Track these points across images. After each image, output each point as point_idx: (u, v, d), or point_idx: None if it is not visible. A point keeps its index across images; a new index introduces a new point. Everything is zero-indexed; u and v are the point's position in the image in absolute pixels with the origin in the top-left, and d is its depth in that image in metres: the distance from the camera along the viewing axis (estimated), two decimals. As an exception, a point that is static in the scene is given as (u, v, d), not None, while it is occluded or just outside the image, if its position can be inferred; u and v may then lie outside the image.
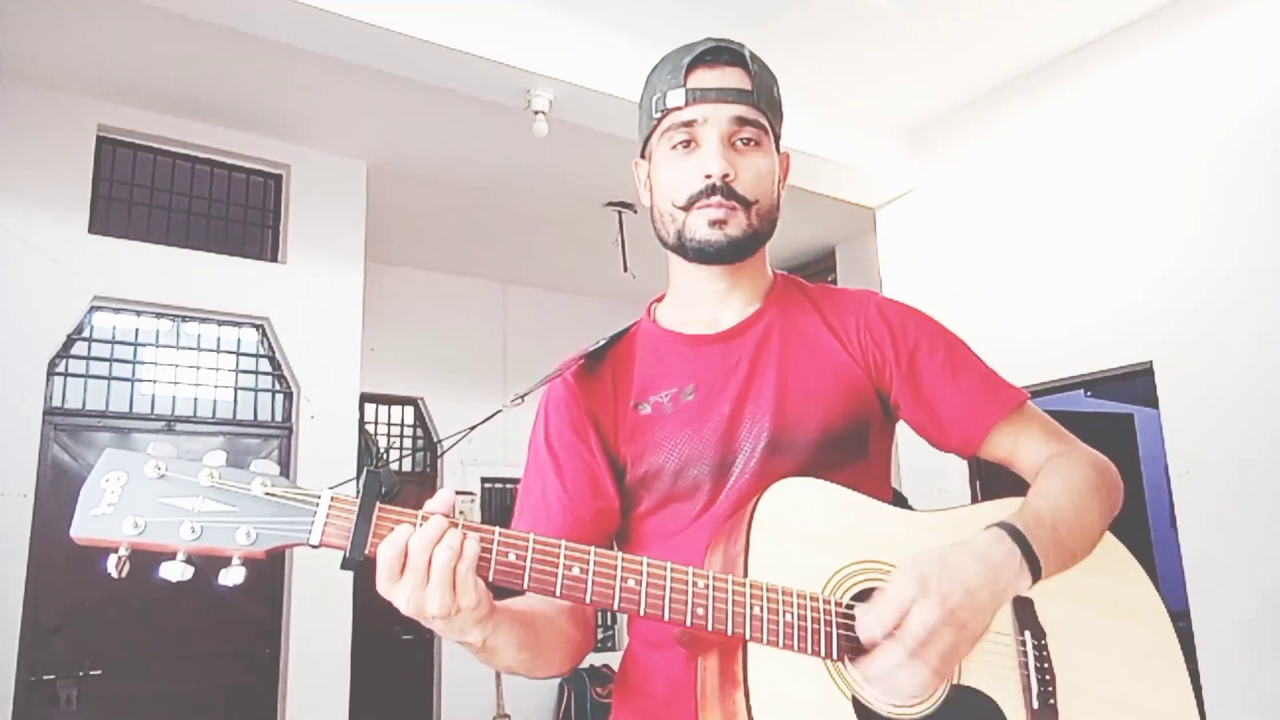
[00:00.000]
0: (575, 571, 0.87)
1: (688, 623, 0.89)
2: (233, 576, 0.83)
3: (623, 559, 0.89)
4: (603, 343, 1.20)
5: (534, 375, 1.20)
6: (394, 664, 5.84)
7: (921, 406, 1.12)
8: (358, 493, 0.86)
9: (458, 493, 5.77)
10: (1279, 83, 3.51)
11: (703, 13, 3.70)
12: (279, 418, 4.63)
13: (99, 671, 3.88)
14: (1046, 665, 1.00)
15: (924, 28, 3.95)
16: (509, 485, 6.63)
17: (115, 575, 0.80)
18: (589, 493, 1.12)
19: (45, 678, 3.79)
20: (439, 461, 6.44)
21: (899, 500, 1.18)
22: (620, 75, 3.81)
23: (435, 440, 6.47)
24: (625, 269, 5.62)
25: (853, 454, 1.10)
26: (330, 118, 4.55)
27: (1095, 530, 1.04)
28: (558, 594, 0.87)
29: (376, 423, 6.37)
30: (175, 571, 0.81)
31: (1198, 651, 3.40)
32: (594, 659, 6.34)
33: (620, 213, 5.55)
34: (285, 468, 4.55)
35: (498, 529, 0.88)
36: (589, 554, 0.88)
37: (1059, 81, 4.24)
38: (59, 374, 4.09)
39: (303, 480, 4.70)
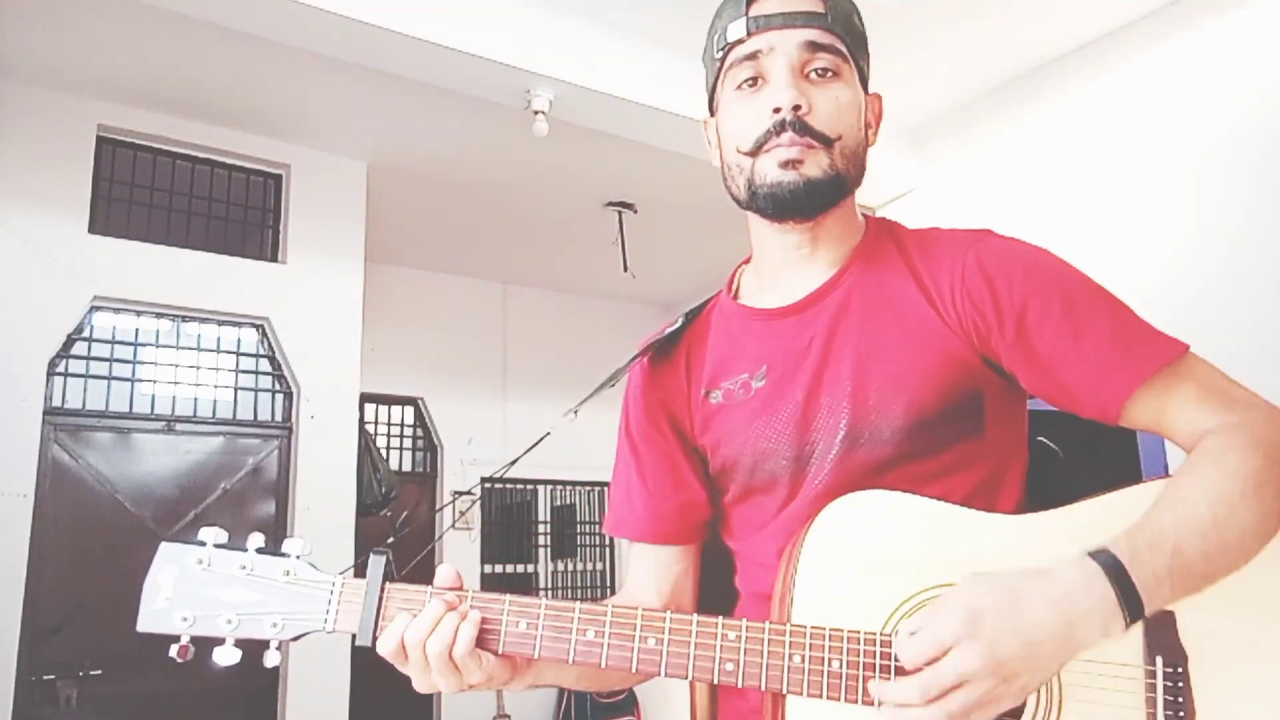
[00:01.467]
0: (590, 635, 0.84)
1: (715, 680, 0.82)
2: (273, 659, 0.90)
3: (643, 615, 0.84)
4: (680, 324, 1.08)
5: (535, 375, 1.18)
6: (394, 665, 5.83)
7: (1042, 376, 0.91)
8: (366, 572, 0.90)
9: (457, 493, 5.70)
10: (1278, 83, 3.51)
11: (703, 13, 3.69)
12: (279, 418, 4.62)
13: (99, 671, 3.88)
14: (1182, 700, 0.78)
15: (924, 28, 3.95)
16: (509, 485, 6.63)
17: (180, 660, 0.88)
18: (670, 486, 1.05)
19: (45, 678, 3.79)
20: (439, 462, 6.43)
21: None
22: (620, 75, 3.81)
23: (436, 440, 6.47)
24: (625, 269, 5.62)
25: (961, 431, 0.93)
26: (330, 118, 4.54)
27: (1250, 541, 0.79)
28: (570, 660, 0.84)
29: (376, 423, 6.37)
30: (226, 657, 0.89)
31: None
32: (594, 659, 6.33)
33: (620, 213, 5.55)
34: (285, 468, 4.55)
35: (508, 598, 0.87)
36: (605, 614, 0.84)
37: (1059, 81, 4.24)
38: (59, 374, 4.09)
39: (303, 480, 4.75)
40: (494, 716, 5.88)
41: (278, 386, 4.66)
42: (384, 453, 6.22)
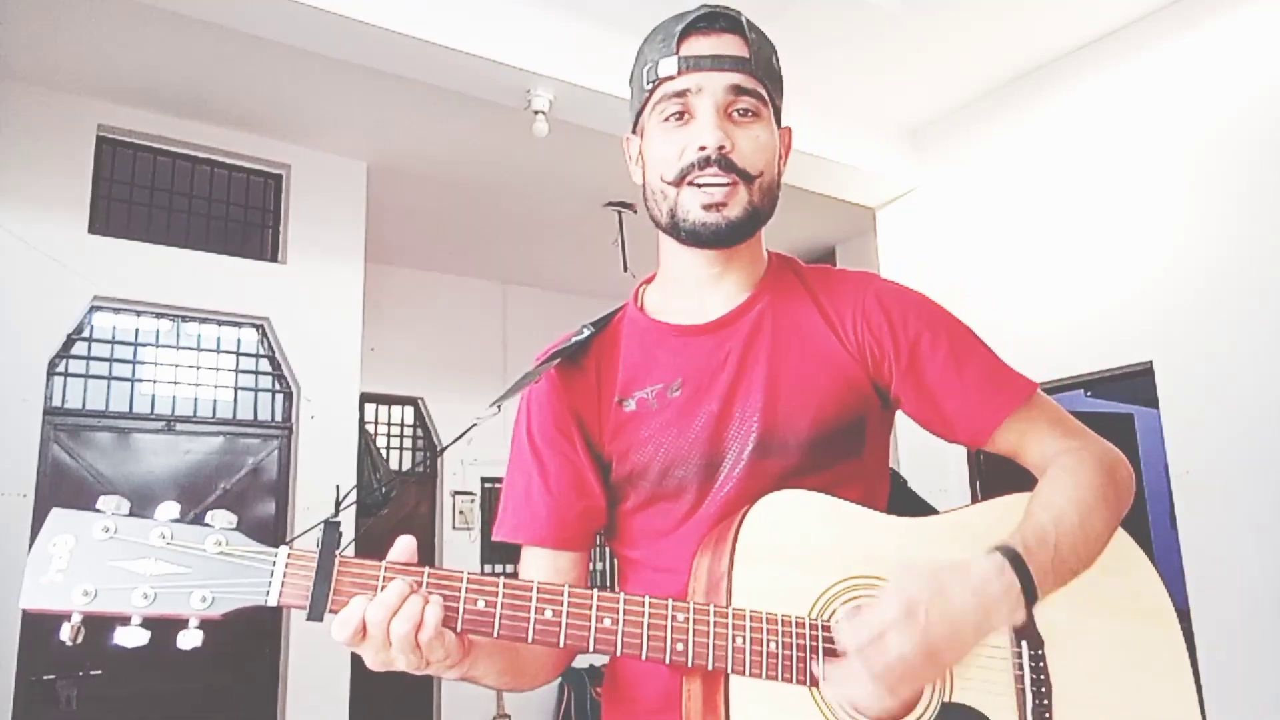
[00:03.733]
0: (548, 615, 0.84)
1: (666, 660, 0.86)
2: (190, 639, 0.81)
3: (598, 597, 0.86)
4: (586, 334, 1.12)
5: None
6: (394, 664, 5.83)
7: (925, 401, 1.05)
8: (318, 542, 0.82)
9: (456, 493, 5.71)
10: (1277, 83, 3.51)
11: (703, 13, 3.69)
12: (279, 418, 4.62)
13: (99, 671, 3.88)
14: (1043, 676, 0.96)
15: (924, 28, 3.95)
16: (509, 485, 6.63)
17: (70, 643, 0.78)
18: (574, 492, 1.07)
19: (45, 678, 3.79)
20: (439, 462, 6.44)
21: (897, 484, 1.14)
22: (620, 75, 3.77)
23: (435, 440, 6.47)
24: (625, 269, 5.62)
25: (847, 450, 1.04)
26: (330, 118, 4.55)
27: (1100, 543, 0.97)
28: (529, 639, 0.84)
29: (376, 423, 6.37)
30: (131, 637, 0.79)
31: (1198, 651, 3.40)
32: (595, 658, 6.34)
33: (620, 213, 5.55)
34: (285, 468, 4.55)
35: (466, 573, 0.85)
36: (562, 595, 0.85)
37: (1059, 81, 4.24)
38: (59, 374, 4.09)
39: (303, 480, 4.75)
40: (494, 716, 5.88)
41: (278, 386, 4.66)
42: (384, 453, 6.22)
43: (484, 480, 6.53)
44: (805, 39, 3.95)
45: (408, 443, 6.51)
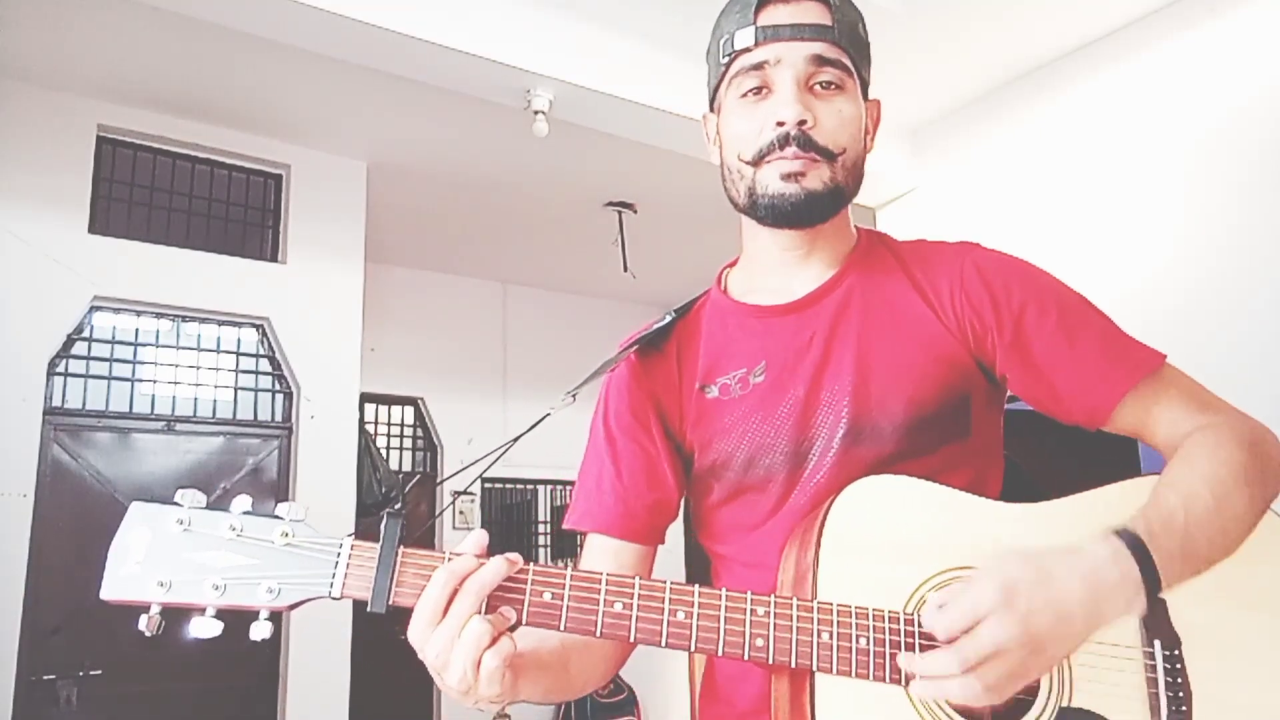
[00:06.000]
0: (618, 608, 0.80)
1: (745, 656, 0.80)
2: (261, 630, 0.82)
3: (671, 589, 0.81)
4: (670, 318, 1.07)
5: (534, 375, 1.14)
6: (394, 664, 5.83)
7: (1035, 378, 0.96)
8: (379, 536, 0.81)
9: (457, 493, 5.67)
10: (1277, 83, 3.51)
11: (704, 13, 3.69)
12: (279, 418, 4.62)
13: (99, 671, 3.88)
14: (1180, 680, 0.84)
15: (924, 28, 3.95)
16: (510, 485, 6.63)
17: (149, 634, 0.79)
18: (645, 483, 1.03)
19: (45, 678, 3.79)
20: (440, 462, 6.43)
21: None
22: (620, 75, 3.81)
23: (435, 440, 6.47)
24: (625, 269, 5.62)
25: (951, 433, 0.96)
26: (330, 118, 4.54)
27: (1242, 528, 0.86)
28: (598, 634, 0.80)
29: (376, 423, 6.37)
30: (205, 628, 0.81)
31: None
32: (594, 659, 6.33)
33: (620, 213, 5.55)
34: (285, 468, 4.55)
35: (533, 565, 0.81)
36: (633, 587, 0.81)
37: (1059, 82, 4.24)
38: (59, 374, 4.09)
39: (303, 480, 4.75)
40: (494, 716, 5.88)
41: (278, 386, 4.66)
42: (384, 453, 6.22)
43: (484, 480, 6.53)
44: (805, 39, 3.94)
45: (408, 443, 6.51)
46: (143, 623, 0.79)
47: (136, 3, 3.29)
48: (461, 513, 6.36)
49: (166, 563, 0.80)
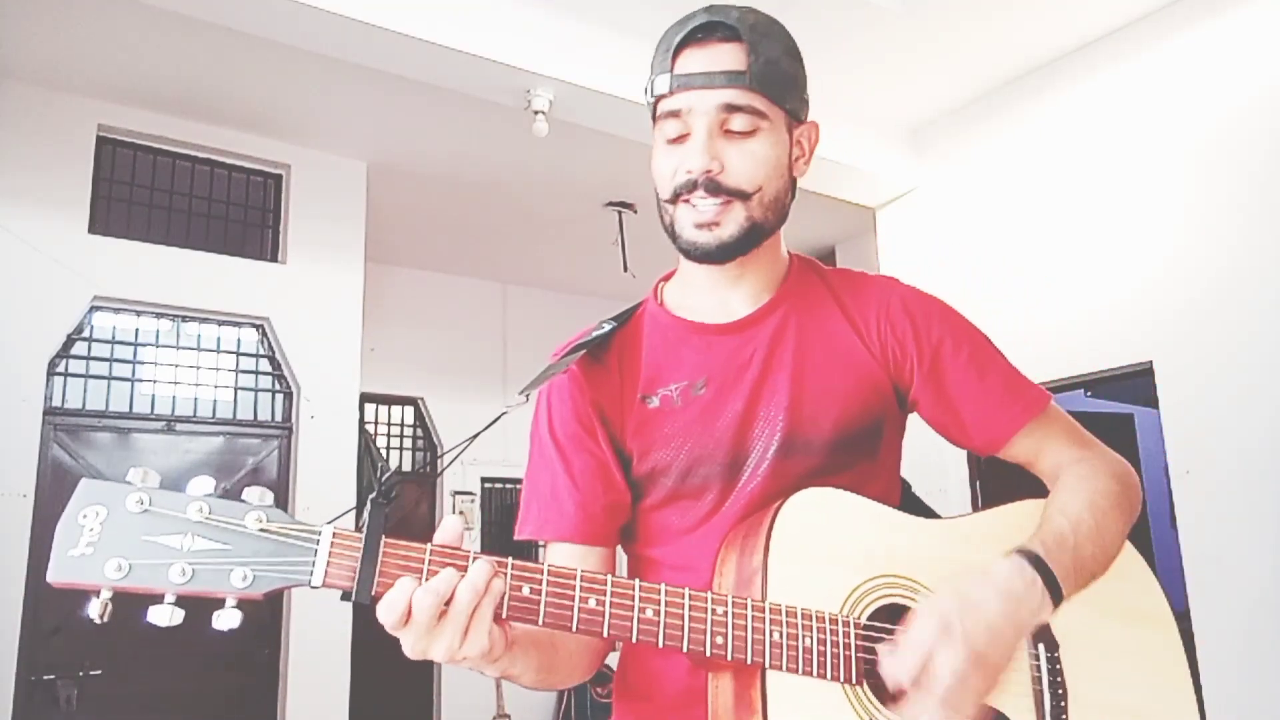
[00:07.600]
0: (592, 604, 0.82)
1: (708, 653, 0.85)
2: (227, 620, 0.76)
3: (640, 587, 0.85)
4: (607, 329, 1.11)
5: (534, 375, 1.14)
6: (394, 664, 5.82)
7: (944, 406, 1.07)
8: (360, 523, 0.79)
9: (457, 493, 5.69)
10: (1277, 83, 3.51)
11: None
12: (279, 418, 4.63)
13: (99, 671, 3.88)
14: (1059, 679, 0.97)
15: (924, 28, 3.95)
16: (509, 485, 6.63)
17: (98, 620, 0.73)
18: (600, 486, 1.05)
19: (45, 678, 3.79)
20: (439, 462, 6.44)
21: (906, 491, 1.16)
22: (620, 75, 3.81)
23: (435, 440, 6.47)
24: (625, 269, 5.62)
25: (865, 452, 1.06)
26: (330, 118, 4.55)
27: (1115, 548, 1.00)
28: (574, 628, 0.82)
29: (376, 423, 6.37)
30: (164, 615, 0.74)
31: (1198, 651, 3.40)
32: (594, 659, 6.33)
33: (620, 213, 5.55)
34: (285, 468, 4.56)
35: (510, 560, 0.82)
36: (606, 584, 0.84)
37: (1059, 82, 4.24)
38: (59, 374, 4.09)
39: (303, 480, 4.74)
40: (494, 715, 5.88)
41: (278, 386, 4.66)
42: (384, 453, 6.22)
43: (484, 480, 6.53)
44: (805, 39, 3.92)
45: (408, 443, 6.51)
46: (93, 608, 0.74)
47: (136, 3, 3.30)
48: (461, 512, 6.37)
49: (124, 545, 0.74)
